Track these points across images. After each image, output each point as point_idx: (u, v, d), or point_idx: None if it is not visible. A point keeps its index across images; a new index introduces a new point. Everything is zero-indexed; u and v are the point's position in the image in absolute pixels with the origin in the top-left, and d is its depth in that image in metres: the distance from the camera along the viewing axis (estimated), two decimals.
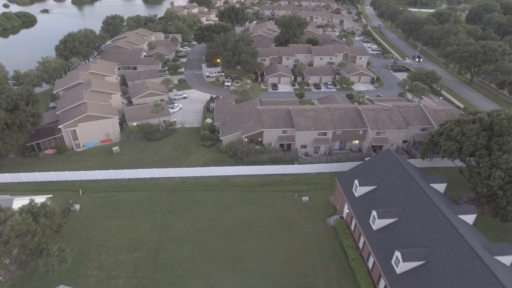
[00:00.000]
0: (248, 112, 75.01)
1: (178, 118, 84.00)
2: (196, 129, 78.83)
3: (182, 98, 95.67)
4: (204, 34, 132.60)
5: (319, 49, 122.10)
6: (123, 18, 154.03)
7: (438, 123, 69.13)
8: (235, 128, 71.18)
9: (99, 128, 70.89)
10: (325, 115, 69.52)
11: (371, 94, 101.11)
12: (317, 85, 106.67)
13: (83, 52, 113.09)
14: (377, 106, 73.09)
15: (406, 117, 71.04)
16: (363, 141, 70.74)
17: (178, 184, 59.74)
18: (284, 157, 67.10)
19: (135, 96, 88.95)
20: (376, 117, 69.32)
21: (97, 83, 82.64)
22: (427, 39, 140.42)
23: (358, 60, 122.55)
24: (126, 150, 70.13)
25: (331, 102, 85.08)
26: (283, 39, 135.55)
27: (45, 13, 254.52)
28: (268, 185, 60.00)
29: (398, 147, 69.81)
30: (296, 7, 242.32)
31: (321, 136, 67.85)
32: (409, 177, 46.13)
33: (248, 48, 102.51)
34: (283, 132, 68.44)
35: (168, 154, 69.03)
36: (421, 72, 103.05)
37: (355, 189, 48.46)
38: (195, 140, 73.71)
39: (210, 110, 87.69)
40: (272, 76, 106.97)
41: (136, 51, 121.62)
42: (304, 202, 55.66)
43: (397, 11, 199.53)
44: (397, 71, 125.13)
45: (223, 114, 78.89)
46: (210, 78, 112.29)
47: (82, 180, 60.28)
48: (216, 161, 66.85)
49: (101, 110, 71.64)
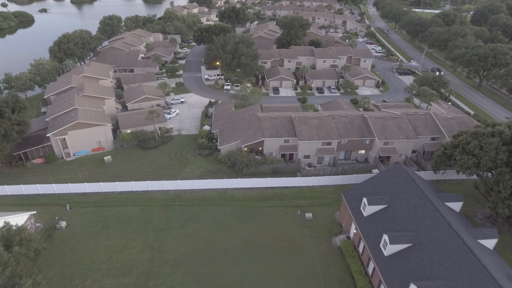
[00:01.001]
0: (248, 119, 71.18)
1: (175, 125, 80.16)
2: (193, 136, 74.98)
3: (179, 103, 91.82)
4: (203, 35, 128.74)
5: (322, 51, 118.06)
6: (121, 18, 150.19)
7: (450, 132, 65.52)
8: (234, 136, 67.34)
9: (90, 136, 67.11)
10: (329, 124, 65.61)
11: (376, 99, 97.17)
12: (320, 89, 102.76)
13: (78, 54, 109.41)
14: (384, 113, 69.16)
15: (416, 126, 67.08)
16: (370, 151, 66.82)
17: (173, 198, 55.92)
18: (286, 168, 63.21)
19: (130, 100, 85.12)
20: (384, 126, 65.39)
21: (90, 88, 78.90)
22: (433, 41, 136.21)
23: (363, 63, 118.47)
24: (119, 159, 66.35)
25: (335, 108, 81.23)
26: (284, 41, 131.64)
27: (43, 12, 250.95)
28: (269, 199, 56.14)
29: (407, 157, 65.90)
30: (298, 7, 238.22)
31: (325, 146, 63.94)
32: (423, 196, 42.21)
33: (248, 51, 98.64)
34: (285, 141, 64.58)
35: (163, 164, 65.22)
36: (428, 76, 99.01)
37: (364, 208, 44.58)
38: (192, 149, 69.89)
39: (209, 115, 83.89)
40: (274, 79, 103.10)
41: (133, 53, 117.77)
42: (307, 219, 51.76)
43: (401, 11, 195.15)
44: (402, 74, 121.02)
45: (222, 121, 75.07)
46: (209, 81, 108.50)
47: (70, 193, 56.50)
48: (214, 172, 63.05)
49: (93, 117, 67.85)
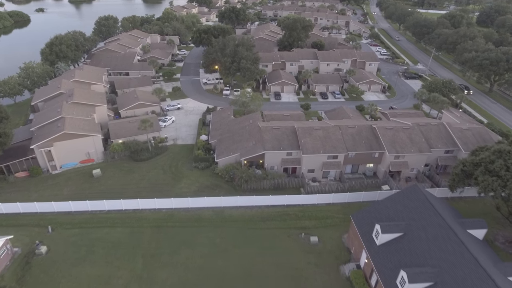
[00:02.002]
0: (248, 129, 66.48)
1: (170, 133, 75.45)
2: (190, 146, 70.26)
3: (175, 109, 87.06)
4: (202, 37, 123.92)
5: (326, 54, 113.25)
6: (117, 19, 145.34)
7: (465, 144, 60.83)
8: (233, 148, 62.64)
9: (78, 147, 62.46)
10: (335, 135, 60.87)
11: (383, 105, 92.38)
12: (324, 95, 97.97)
13: (71, 57, 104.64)
14: (394, 124, 64.38)
15: (428, 138, 62.33)
16: (379, 165, 62.12)
17: (165, 218, 51.24)
18: (288, 183, 58.50)
19: (124, 107, 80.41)
20: (394, 138, 60.65)
21: (80, 94, 74.20)
22: (441, 44, 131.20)
23: (368, 66, 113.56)
24: (109, 173, 61.67)
25: (341, 116, 76.53)
26: (286, 43, 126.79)
27: (40, 12, 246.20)
28: (270, 220, 51.44)
29: (419, 172, 61.17)
30: (300, 8, 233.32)
31: (331, 160, 59.19)
32: (444, 224, 37.53)
33: (248, 54, 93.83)
34: (287, 154, 59.87)
35: (156, 178, 60.55)
36: (438, 82, 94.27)
37: (376, 236, 39.88)
38: (188, 161, 65.19)
39: (206, 123, 79.18)
40: (275, 84, 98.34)
41: (129, 55, 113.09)
42: (312, 243, 47.09)
43: (406, 12, 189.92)
44: (409, 78, 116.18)
45: (220, 130, 70.38)
46: (208, 85, 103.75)
47: (54, 212, 51.88)
48: (211, 187, 58.38)
49: (81, 127, 63.18)
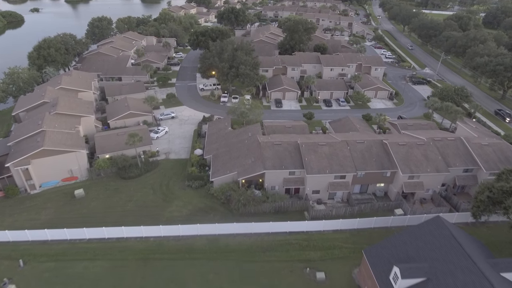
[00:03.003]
0: (247, 143, 60.81)
1: (163, 146, 69.77)
2: (183, 161, 64.56)
3: (169, 118, 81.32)
4: (199, 39, 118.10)
5: (329, 58, 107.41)
6: (111, 20, 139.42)
7: (486, 162, 55.17)
8: (230, 165, 56.95)
9: (60, 164, 56.79)
10: (343, 152, 55.18)
11: (390, 113, 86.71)
12: (328, 102, 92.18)
13: (60, 61, 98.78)
14: (407, 139, 58.65)
15: (445, 154, 56.64)
16: (391, 184, 56.42)
17: (153, 248, 45.61)
18: (291, 206, 52.85)
19: (113, 117, 74.68)
20: (408, 155, 54.95)
21: (65, 103, 68.46)
22: (449, 47, 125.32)
23: (374, 71, 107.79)
24: (93, 192, 55.96)
25: (347, 127, 70.90)
26: (287, 46, 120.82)
27: (34, 12, 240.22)
28: (271, 250, 45.82)
29: (434, 193, 55.47)
30: (301, 8, 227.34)
31: (339, 180, 53.49)
32: (474, 268, 31.91)
33: (247, 59, 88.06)
34: (290, 173, 54.18)
35: (144, 199, 54.87)
36: (449, 89, 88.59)
37: (395, 280, 34.22)
38: (181, 179, 59.49)
39: (202, 135, 73.49)
40: (276, 90, 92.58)
41: (122, 59, 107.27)
42: (319, 280, 41.47)
43: (411, 14, 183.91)
44: (417, 84, 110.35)
45: (216, 144, 64.72)
46: (205, 91, 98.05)
47: (28, 241, 46.23)
48: (205, 210, 52.74)
49: (63, 142, 57.47)
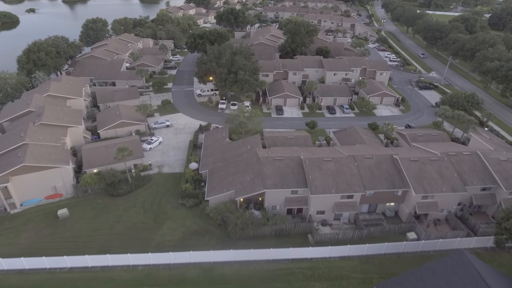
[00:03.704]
0: (246, 157, 56.34)
1: (156, 158, 65.32)
2: (177, 176, 60.08)
3: (164, 127, 76.84)
4: (197, 42, 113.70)
5: (332, 62, 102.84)
6: (106, 21, 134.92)
7: (505, 180, 50.67)
8: (227, 183, 52.47)
9: (43, 180, 52.34)
10: (350, 169, 50.69)
11: (397, 121, 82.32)
12: (331, 109, 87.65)
13: (51, 65, 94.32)
14: (419, 153, 54.17)
15: (461, 171, 52.16)
16: (402, 203, 51.95)
17: (141, 279, 41.14)
18: (294, 228, 48.37)
19: (104, 126, 70.19)
20: (421, 172, 50.45)
21: (51, 113, 64.08)
22: (457, 50, 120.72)
23: (379, 76, 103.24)
24: (78, 212, 51.52)
25: (352, 137, 66.45)
26: (289, 49, 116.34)
27: (30, 12, 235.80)
28: (272, 281, 41.35)
29: (449, 213, 50.99)
30: (302, 9, 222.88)
31: (346, 200, 49.03)
32: None
33: (247, 64, 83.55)
34: (292, 192, 49.70)
35: (134, 220, 50.41)
36: (459, 95, 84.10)
37: None
38: (174, 196, 55.02)
39: (198, 145, 69.07)
40: (277, 97, 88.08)
41: (116, 63, 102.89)
42: None
43: (415, 15, 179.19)
44: (423, 89, 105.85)
45: (213, 157, 60.26)
46: (202, 97, 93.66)
47: (3, 270, 41.77)
48: (199, 232, 48.28)
49: (47, 157, 53.02)
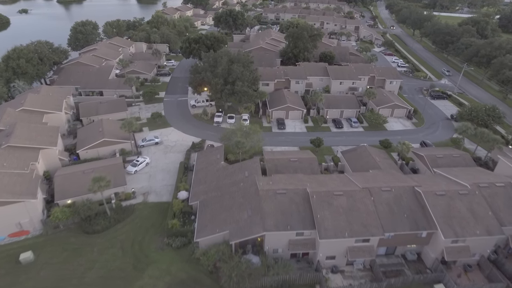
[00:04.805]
0: (243, 186, 48.65)
1: (141, 184, 57.51)
2: (164, 206, 52.28)
3: (153, 144, 69.11)
4: (192, 47, 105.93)
5: (338, 70, 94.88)
6: (97, 24, 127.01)
7: None
8: (220, 220, 44.71)
9: (4, 216, 44.68)
10: (365, 205, 42.98)
11: (411, 137, 74.63)
12: (338, 123, 79.73)
13: (32, 73, 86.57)
14: (445, 185, 46.33)
15: (495, 207, 44.39)
16: (426, 246, 44.22)
17: None
18: (299, 279, 40.70)
19: (84, 145, 62.43)
20: (449, 210, 42.71)
21: (22, 132, 56.27)
22: (471, 56, 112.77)
23: (388, 84, 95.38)
24: (46, 254, 43.79)
25: (364, 160, 58.76)
26: (291, 54, 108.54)
27: (23, 13, 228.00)
28: None
29: (482, 257, 43.28)
30: (304, 10, 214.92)
31: (361, 244, 41.34)
32: None
33: (245, 73, 75.76)
34: (297, 234, 42.00)
35: (110, 265, 42.69)
36: (478, 108, 76.38)
37: None
38: (159, 233, 47.28)
39: (190, 167, 61.35)
40: (278, 109, 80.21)
41: (104, 70, 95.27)
42: None
43: (423, 17, 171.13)
44: (436, 98, 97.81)
45: (206, 185, 52.56)
46: (197, 108, 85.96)
47: None
48: (187, 283, 40.60)
49: (9, 188, 45.29)
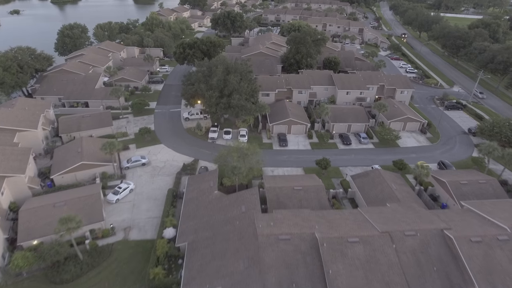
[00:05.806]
0: (239, 226, 41.18)
1: (122, 215, 49.90)
2: (148, 246, 44.68)
3: (139, 165, 61.54)
4: (186, 52, 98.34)
5: (345, 79, 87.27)
6: (86, 28, 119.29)
7: None
8: (211, 271, 37.14)
9: None
10: (386, 255, 35.47)
11: (426, 155, 67.35)
12: (346, 138, 72.08)
13: (10, 82, 78.90)
14: (481, 229, 38.83)
15: None
16: None
17: None
18: None
19: (59, 169, 54.81)
20: (488, 262, 35.21)
21: None
22: (485, 62, 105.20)
23: (399, 94, 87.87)
24: None
25: (378, 187, 51.36)
26: (293, 60, 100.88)
27: (14, 14, 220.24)
28: None
29: None
30: (305, 12, 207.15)
31: None
32: None
33: (243, 85, 68.26)
34: None
35: None
36: (502, 123, 68.94)
37: None
38: (139, 283, 39.79)
39: (179, 195, 53.82)
40: (279, 123, 72.64)
41: (91, 78, 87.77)
42: None
43: (430, 19, 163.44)
44: (450, 109, 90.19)
45: (196, 220, 45.07)
46: (191, 121, 78.49)
47: None
48: None
49: None
